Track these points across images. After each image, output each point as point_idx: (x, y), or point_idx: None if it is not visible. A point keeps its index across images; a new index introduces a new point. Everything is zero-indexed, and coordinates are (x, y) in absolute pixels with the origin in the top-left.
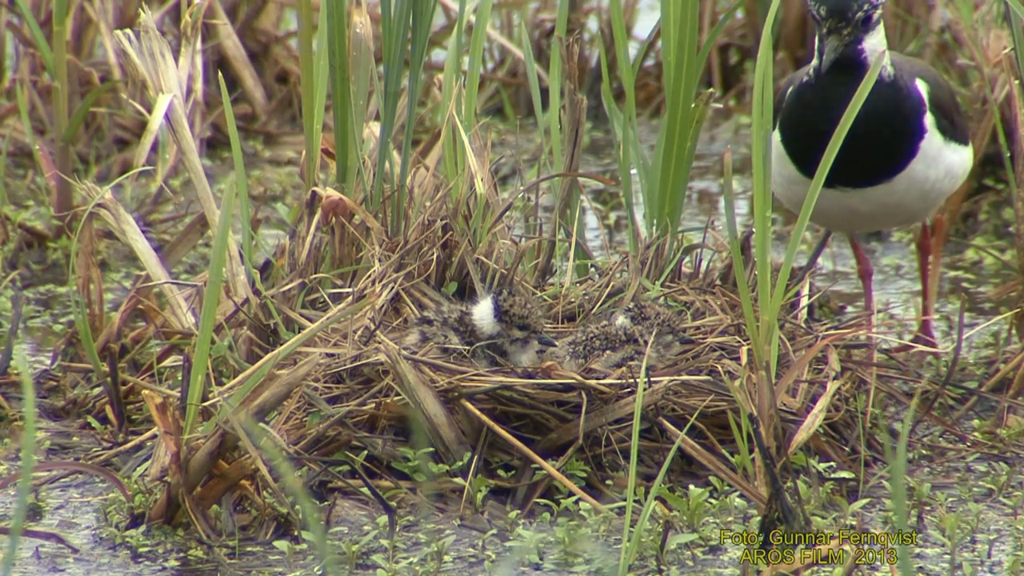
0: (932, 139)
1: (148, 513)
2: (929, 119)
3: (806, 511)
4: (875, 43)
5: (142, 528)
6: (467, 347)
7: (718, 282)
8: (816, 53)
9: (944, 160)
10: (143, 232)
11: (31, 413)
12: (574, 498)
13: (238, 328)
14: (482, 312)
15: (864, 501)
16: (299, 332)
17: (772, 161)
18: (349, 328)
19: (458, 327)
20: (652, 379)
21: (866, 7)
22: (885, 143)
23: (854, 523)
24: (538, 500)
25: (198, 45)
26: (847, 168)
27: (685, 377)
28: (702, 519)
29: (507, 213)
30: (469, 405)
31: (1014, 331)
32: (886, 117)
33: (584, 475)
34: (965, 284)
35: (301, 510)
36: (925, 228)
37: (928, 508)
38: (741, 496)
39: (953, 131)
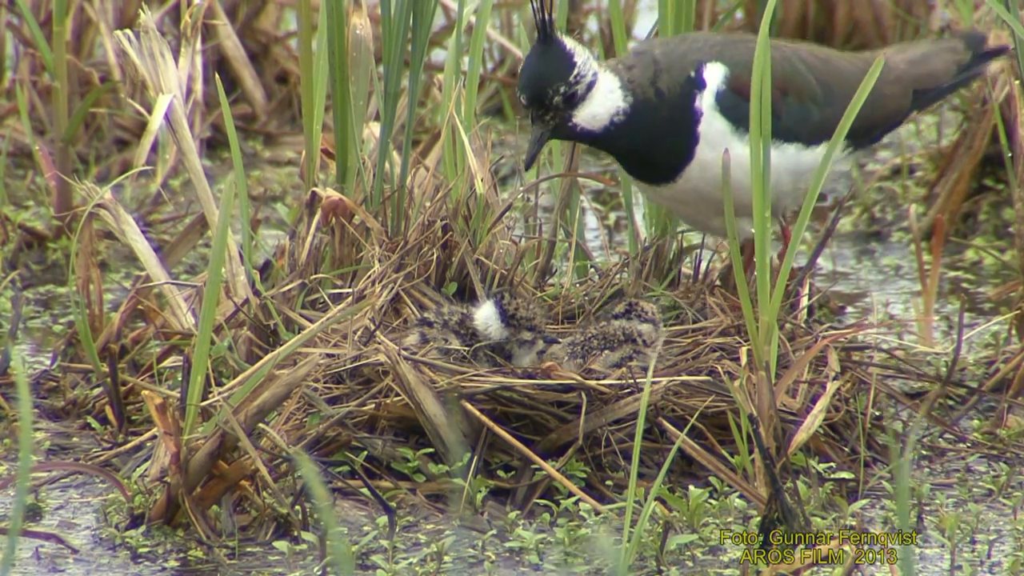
0: (710, 136)
1: (148, 513)
2: (712, 117)
3: (806, 511)
4: (593, 111)
5: (142, 528)
6: (468, 348)
7: (718, 283)
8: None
9: (736, 152)
10: (143, 232)
11: (27, 413)
12: (574, 499)
13: (238, 328)
14: (487, 318)
15: (864, 501)
16: (299, 333)
17: None
18: (349, 328)
19: (459, 330)
20: (652, 380)
21: (563, 89)
22: (657, 153)
23: (854, 523)
24: (538, 501)
25: (198, 45)
26: (643, 170)
27: (685, 377)
28: (702, 519)
29: (507, 213)
30: (469, 406)
31: (1014, 331)
32: (647, 136)
33: (584, 476)
34: (965, 284)
35: (305, 507)
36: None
37: (928, 508)
38: (741, 497)
39: (772, 121)
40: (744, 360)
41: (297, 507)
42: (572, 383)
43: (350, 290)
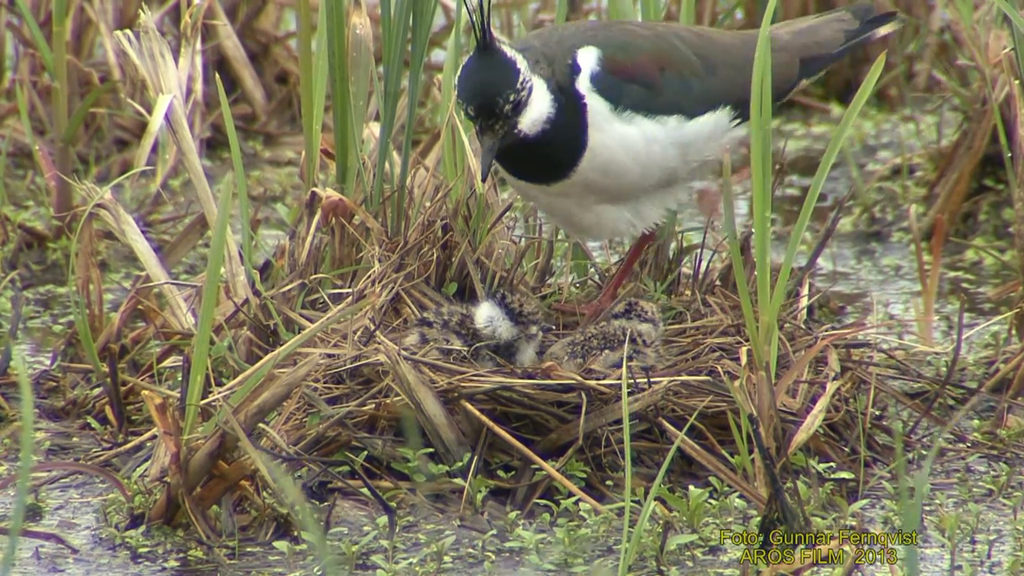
0: (594, 119)
1: (148, 513)
2: (591, 99)
3: (806, 511)
4: (532, 115)
5: (142, 528)
6: (468, 349)
7: (718, 283)
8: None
9: (617, 131)
10: (143, 232)
11: (28, 413)
12: (574, 499)
13: (238, 328)
14: (491, 319)
15: (864, 501)
16: (299, 333)
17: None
18: (349, 329)
19: (459, 330)
20: (652, 379)
21: (512, 96)
22: (564, 147)
23: (854, 523)
24: (538, 501)
25: (198, 45)
26: (544, 170)
27: (685, 377)
28: (702, 520)
29: (507, 214)
30: (469, 406)
31: (1014, 331)
32: (563, 131)
33: (584, 476)
34: (965, 284)
35: (299, 511)
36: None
37: (928, 508)
38: (741, 497)
39: (652, 97)
40: (744, 360)
41: (297, 507)
42: (572, 383)
43: (350, 290)
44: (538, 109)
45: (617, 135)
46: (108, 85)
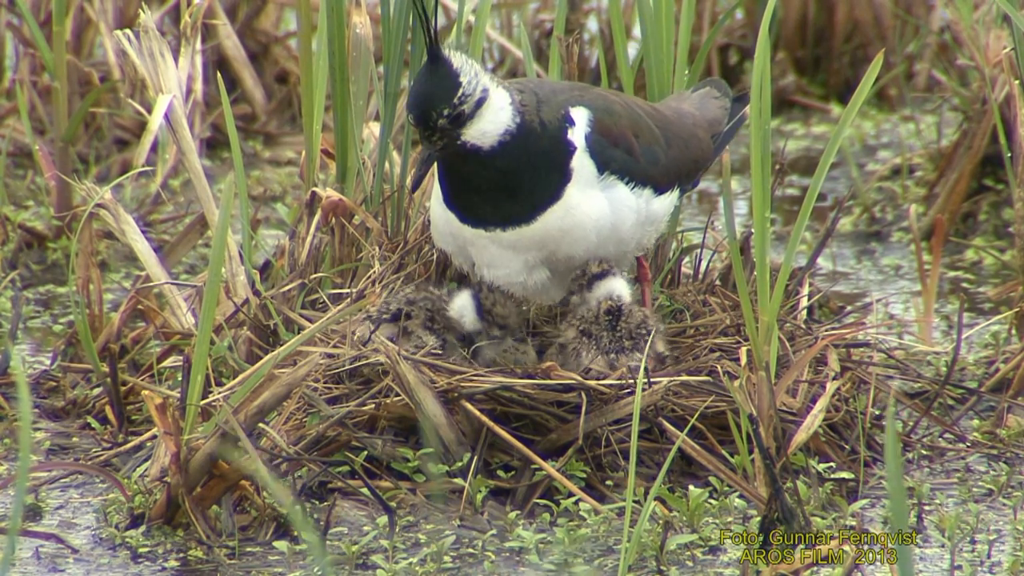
0: (580, 175)
1: (148, 513)
2: (582, 155)
3: (806, 511)
4: (483, 127)
5: (142, 528)
6: (438, 339)
7: (718, 282)
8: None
9: (595, 200)
10: (143, 232)
11: (27, 413)
12: (574, 499)
13: (238, 329)
14: (462, 308)
15: (864, 501)
16: (299, 333)
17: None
18: (348, 329)
19: (431, 323)
20: (651, 379)
21: (446, 111)
22: (528, 185)
23: (854, 523)
24: (538, 501)
25: (198, 45)
26: (499, 208)
27: (685, 378)
28: (702, 519)
29: None
30: (469, 406)
31: (1014, 331)
32: (528, 162)
33: (584, 476)
34: (965, 284)
35: (294, 513)
36: (640, 261)
37: (928, 508)
38: (741, 496)
39: (632, 164)
40: (744, 360)
41: (297, 507)
42: (572, 383)
43: (350, 290)
44: (493, 123)
45: (593, 202)
46: (108, 85)
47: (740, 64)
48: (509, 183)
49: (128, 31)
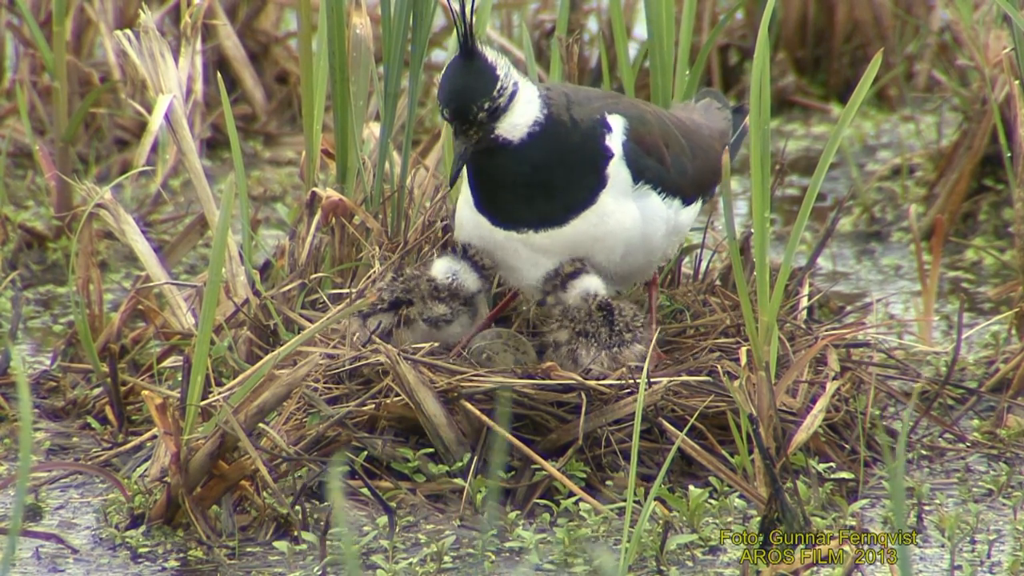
0: (616, 182)
1: (148, 513)
2: (619, 162)
3: (806, 511)
4: (513, 120)
5: (142, 528)
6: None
7: (718, 283)
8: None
9: (628, 209)
10: (143, 232)
11: (27, 413)
12: (574, 498)
13: (238, 329)
14: (457, 272)
15: (864, 501)
16: (299, 333)
17: (464, 209)
18: (348, 329)
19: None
20: (652, 379)
21: (487, 104)
22: (561, 184)
23: (854, 523)
24: (538, 500)
25: (198, 45)
26: (531, 208)
27: (685, 378)
28: (702, 519)
29: None
30: (469, 405)
31: (1014, 331)
32: (559, 157)
33: (584, 476)
34: (965, 284)
35: (300, 510)
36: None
37: (928, 508)
38: (741, 496)
39: (664, 173)
40: (744, 360)
41: (297, 507)
42: (572, 383)
43: (350, 290)
44: (522, 116)
45: (627, 211)
46: (108, 85)
47: (740, 64)
48: (541, 178)
49: (128, 31)
